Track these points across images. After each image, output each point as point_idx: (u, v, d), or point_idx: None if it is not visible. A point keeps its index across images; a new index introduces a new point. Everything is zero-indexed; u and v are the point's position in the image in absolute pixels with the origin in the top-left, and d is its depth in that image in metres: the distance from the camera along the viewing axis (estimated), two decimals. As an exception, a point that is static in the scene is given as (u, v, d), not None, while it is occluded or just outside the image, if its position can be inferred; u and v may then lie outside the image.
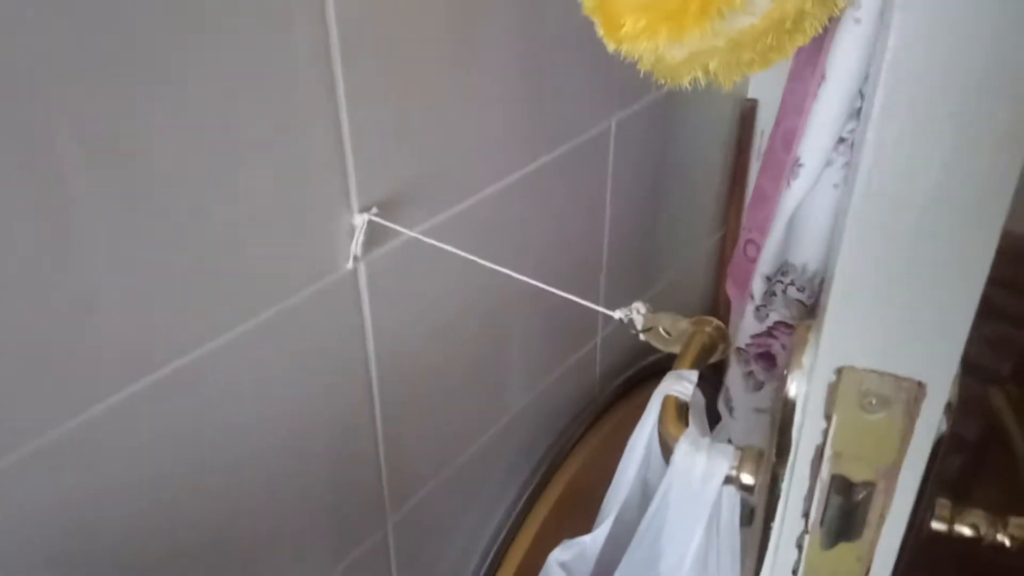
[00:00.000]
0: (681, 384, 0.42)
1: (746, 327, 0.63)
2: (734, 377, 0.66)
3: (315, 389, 0.61)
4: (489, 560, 0.86)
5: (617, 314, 0.46)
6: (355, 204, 0.57)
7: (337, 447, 0.65)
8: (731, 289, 0.79)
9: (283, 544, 0.63)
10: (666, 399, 0.43)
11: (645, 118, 0.87)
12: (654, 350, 1.10)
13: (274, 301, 0.55)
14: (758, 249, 0.76)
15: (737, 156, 1.10)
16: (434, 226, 0.64)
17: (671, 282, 1.07)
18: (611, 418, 0.95)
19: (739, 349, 0.63)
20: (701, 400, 0.43)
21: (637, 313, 0.46)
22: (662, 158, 0.94)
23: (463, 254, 0.58)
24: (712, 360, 0.46)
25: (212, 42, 0.45)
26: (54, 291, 0.43)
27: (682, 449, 0.39)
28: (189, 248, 0.48)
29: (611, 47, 0.52)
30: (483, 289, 0.73)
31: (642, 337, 0.46)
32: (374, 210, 0.57)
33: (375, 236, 0.59)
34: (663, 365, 1.07)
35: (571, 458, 0.91)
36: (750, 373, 0.64)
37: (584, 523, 0.96)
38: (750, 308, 0.62)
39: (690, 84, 0.53)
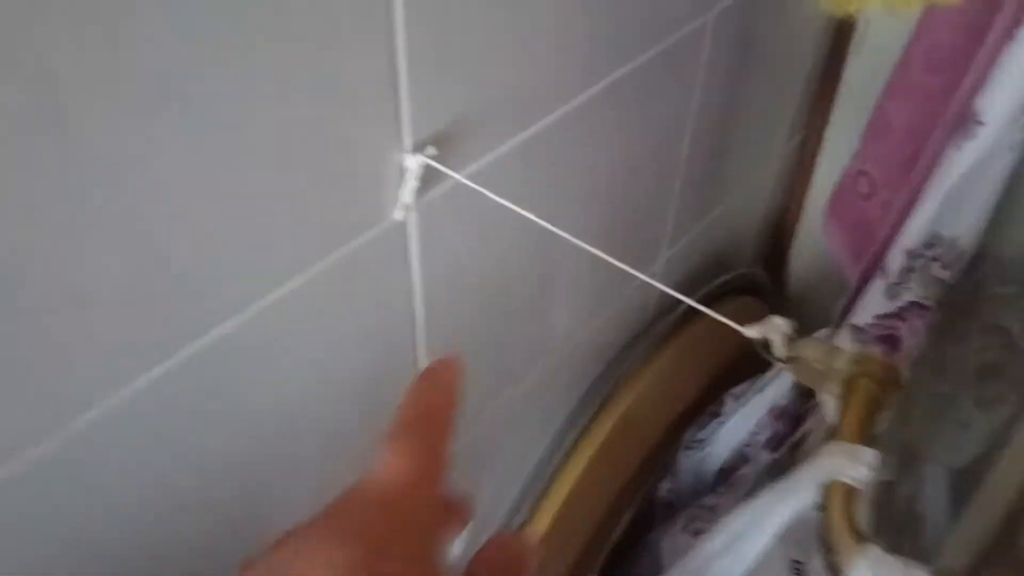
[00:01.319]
0: (853, 466, 0.32)
1: (870, 304, 0.52)
2: (842, 356, 0.56)
3: (359, 351, 0.51)
4: (536, 495, 0.79)
5: (750, 332, 0.36)
6: (407, 142, 0.45)
7: (381, 402, 0.56)
8: (834, 229, 0.68)
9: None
10: (832, 491, 0.32)
11: (748, 13, 0.72)
12: (717, 272, 1.00)
13: (305, 264, 0.44)
14: (872, 184, 0.64)
15: (832, 51, 0.95)
16: (495, 161, 0.52)
17: (736, 197, 0.95)
18: (668, 350, 0.86)
19: (855, 327, 0.53)
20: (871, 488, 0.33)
21: (777, 333, 0.35)
22: (752, 57, 0.80)
23: (532, 218, 0.46)
24: (878, 421, 0.35)
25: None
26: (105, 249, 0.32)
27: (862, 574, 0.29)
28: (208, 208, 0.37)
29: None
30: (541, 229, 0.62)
31: (779, 365, 0.36)
32: (430, 150, 0.45)
33: (427, 178, 0.48)
34: (732, 286, 0.96)
35: (622, 392, 0.83)
36: (865, 356, 0.54)
37: (633, 460, 0.89)
38: (879, 284, 0.51)
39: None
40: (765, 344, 0.35)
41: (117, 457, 0.40)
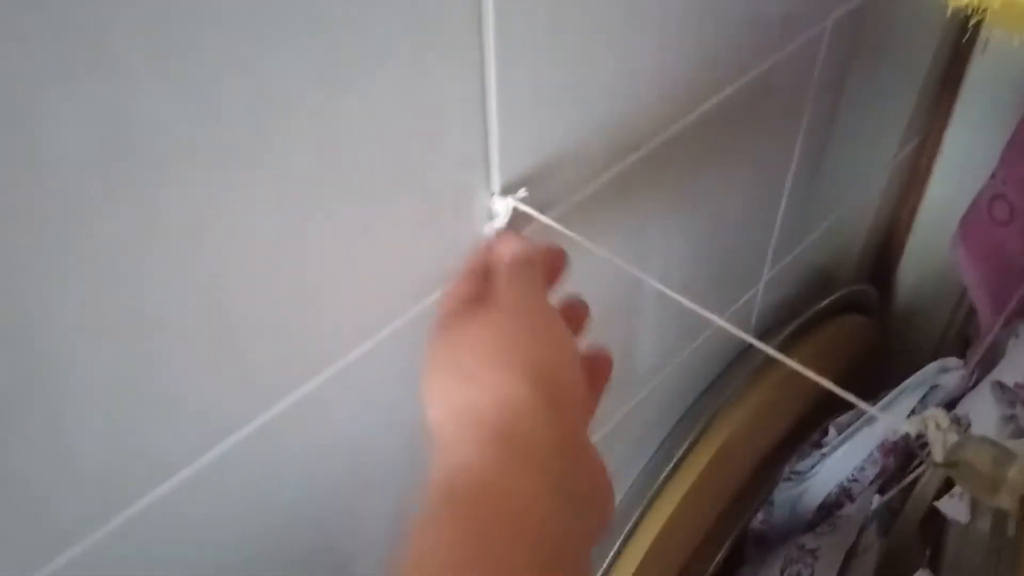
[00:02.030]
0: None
1: (1021, 362, 0.45)
2: (983, 414, 0.49)
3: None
4: (626, 531, 0.75)
5: (905, 427, 0.30)
6: (496, 184, 0.41)
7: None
8: (965, 257, 0.60)
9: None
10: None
11: (865, 16, 0.65)
12: (821, 288, 0.93)
13: (390, 317, 0.40)
14: (1011, 211, 0.57)
15: (953, 50, 0.86)
16: (586, 198, 0.48)
17: (843, 210, 0.88)
18: (767, 377, 0.80)
19: (1002, 385, 0.46)
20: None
21: (935, 428, 0.29)
22: (866, 61, 0.73)
23: (620, 263, 0.41)
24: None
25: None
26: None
27: None
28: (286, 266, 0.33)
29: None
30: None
31: (934, 466, 0.31)
32: (520, 192, 0.41)
33: (514, 221, 0.43)
34: (840, 306, 0.89)
35: (718, 425, 0.77)
36: (1012, 417, 0.47)
37: (729, 493, 0.84)
38: (1032, 341, 0.44)
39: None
40: (919, 444, 0.30)
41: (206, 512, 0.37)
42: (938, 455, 0.29)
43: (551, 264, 0.40)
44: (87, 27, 0.24)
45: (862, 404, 0.35)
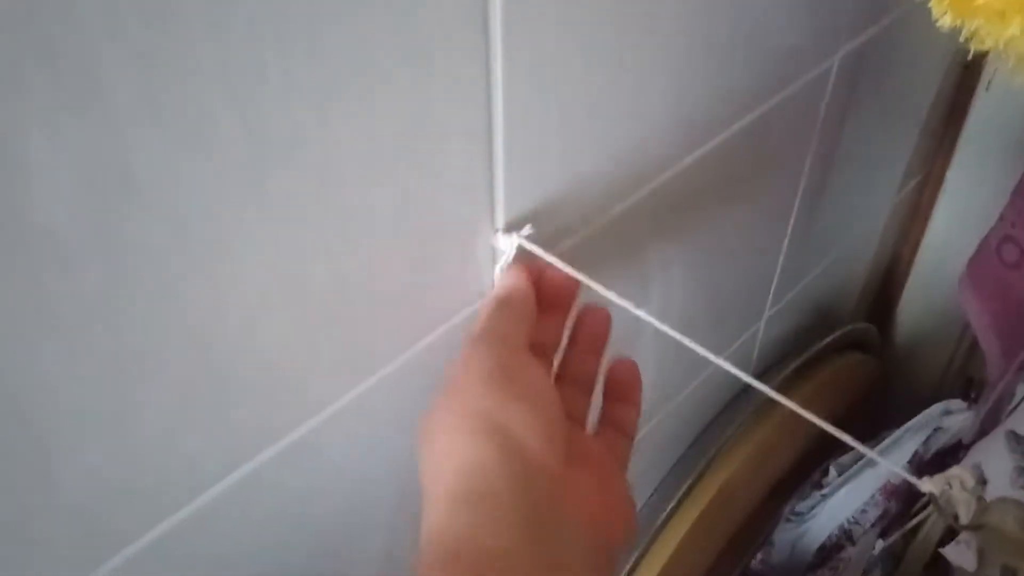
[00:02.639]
0: None
1: (1035, 413, 0.44)
2: (996, 465, 0.48)
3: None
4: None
5: (927, 487, 0.29)
6: (500, 221, 0.39)
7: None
8: (974, 302, 0.59)
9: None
10: None
11: (870, 52, 0.65)
12: (820, 325, 0.92)
13: (393, 355, 0.39)
14: (1020, 253, 0.56)
15: (957, 86, 0.86)
16: (591, 235, 0.46)
17: (844, 247, 0.87)
18: (769, 416, 0.78)
19: (1015, 436, 0.45)
20: None
21: (961, 489, 0.27)
22: (870, 97, 0.72)
23: (616, 299, 0.40)
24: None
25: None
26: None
27: None
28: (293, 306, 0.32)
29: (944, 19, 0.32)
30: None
31: (961, 529, 0.29)
32: (526, 229, 0.39)
33: (519, 257, 0.42)
34: (840, 344, 0.88)
35: (719, 464, 0.76)
36: (1025, 469, 0.46)
37: (729, 533, 0.82)
38: (1049, 392, 0.43)
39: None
40: (947, 503, 0.28)
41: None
42: (964, 517, 0.27)
43: (552, 297, 0.39)
44: (77, 64, 0.22)
45: (862, 448, 0.34)
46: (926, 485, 0.28)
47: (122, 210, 0.25)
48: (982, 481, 0.43)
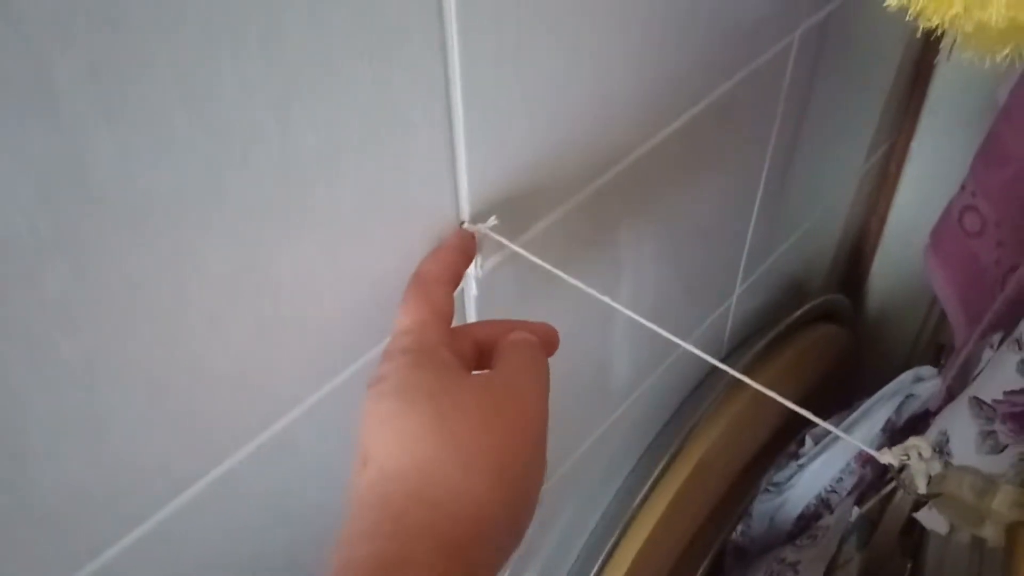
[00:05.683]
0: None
1: (999, 378, 0.45)
2: (961, 430, 0.49)
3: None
4: (605, 550, 0.73)
5: (886, 458, 0.29)
6: (465, 211, 0.39)
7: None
8: (939, 270, 0.60)
9: None
10: None
11: (831, 25, 0.65)
12: (793, 297, 0.93)
13: (362, 351, 0.39)
14: (982, 222, 0.57)
15: (918, 58, 0.87)
16: (557, 221, 0.47)
17: (813, 220, 0.88)
18: (743, 391, 0.79)
19: (979, 401, 0.46)
20: None
21: (918, 458, 0.28)
22: (832, 71, 0.73)
23: (586, 289, 0.40)
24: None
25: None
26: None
27: None
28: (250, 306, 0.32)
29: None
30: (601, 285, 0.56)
31: (916, 496, 0.29)
32: (491, 220, 0.40)
33: (486, 249, 0.42)
34: (812, 316, 0.89)
35: (695, 440, 0.76)
36: (991, 433, 0.47)
37: (708, 507, 0.83)
38: (1012, 357, 0.44)
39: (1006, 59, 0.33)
40: (904, 475, 0.29)
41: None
42: (921, 487, 0.28)
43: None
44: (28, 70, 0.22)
45: (827, 424, 0.34)
46: (885, 456, 0.29)
47: (81, 216, 0.25)
48: (941, 450, 0.44)
